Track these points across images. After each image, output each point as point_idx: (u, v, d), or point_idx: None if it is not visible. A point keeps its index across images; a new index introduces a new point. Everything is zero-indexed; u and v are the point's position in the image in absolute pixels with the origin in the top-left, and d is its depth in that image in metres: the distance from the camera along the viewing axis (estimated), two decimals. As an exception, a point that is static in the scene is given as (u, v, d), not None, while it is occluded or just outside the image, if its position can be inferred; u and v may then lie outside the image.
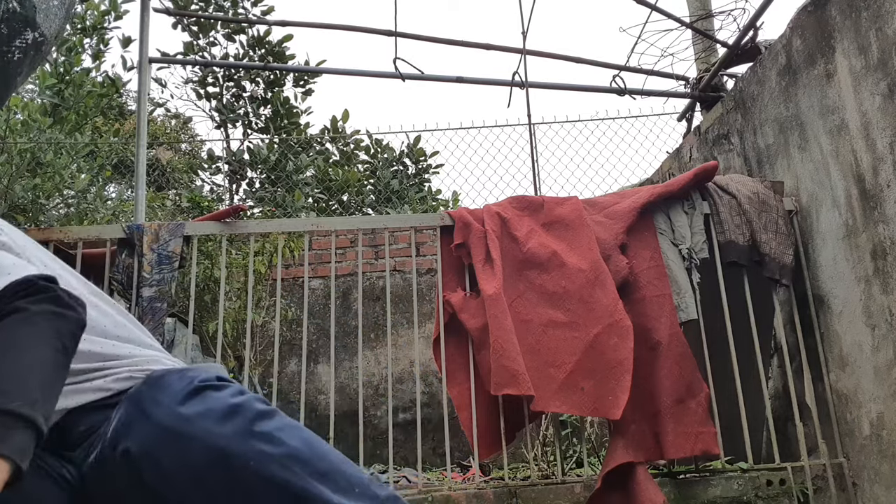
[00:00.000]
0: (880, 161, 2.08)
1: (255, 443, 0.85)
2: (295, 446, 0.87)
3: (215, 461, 0.83)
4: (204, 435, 0.84)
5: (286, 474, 0.84)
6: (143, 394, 0.89)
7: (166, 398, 0.87)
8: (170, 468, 0.85)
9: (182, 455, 0.84)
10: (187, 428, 0.84)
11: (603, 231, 2.37)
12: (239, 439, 0.84)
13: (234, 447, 0.84)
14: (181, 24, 6.41)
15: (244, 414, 0.86)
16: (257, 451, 0.84)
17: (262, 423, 0.87)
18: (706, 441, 2.16)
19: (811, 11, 2.40)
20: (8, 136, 4.28)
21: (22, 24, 2.06)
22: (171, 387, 0.88)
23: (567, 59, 3.59)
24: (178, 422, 0.85)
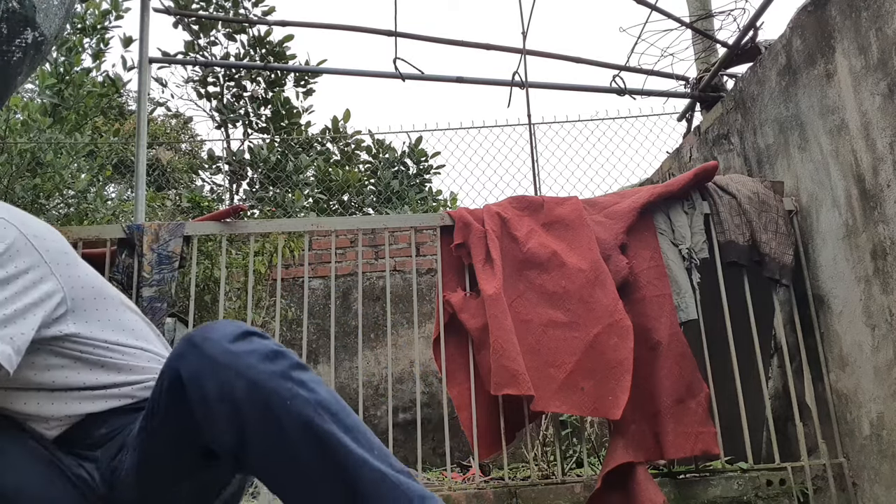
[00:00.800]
0: (880, 161, 2.08)
1: (293, 386, 0.89)
2: (325, 397, 0.91)
3: (256, 396, 0.88)
4: (248, 370, 0.88)
5: (318, 419, 0.88)
6: (194, 333, 0.94)
7: (216, 335, 0.92)
8: (213, 396, 0.88)
9: (226, 385, 0.88)
10: (234, 361, 0.89)
11: (603, 231, 2.37)
12: (279, 379, 0.89)
13: (275, 385, 0.88)
14: (181, 24, 6.41)
15: (285, 359, 0.92)
16: (295, 393, 0.89)
17: (300, 372, 0.92)
18: (706, 441, 2.16)
19: (811, 11, 2.40)
20: (8, 136, 4.28)
21: (22, 23, 2.06)
22: (221, 328, 0.93)
23: (567, 59, 3.59)
24: (226, 355, 0.89)
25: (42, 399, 1.06)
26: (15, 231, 1.02)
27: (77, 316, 1.07)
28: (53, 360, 1.06)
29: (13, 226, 1.02)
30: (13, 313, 0.96)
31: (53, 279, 1.04)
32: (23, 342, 0.96)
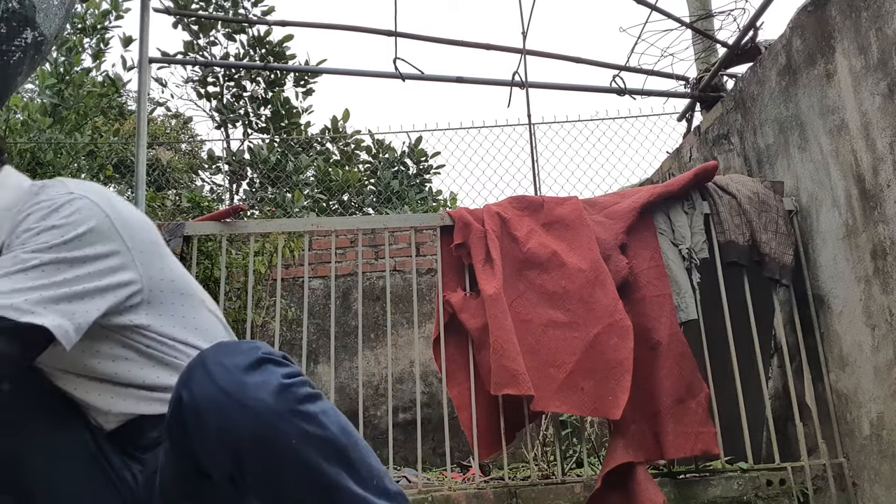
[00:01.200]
0: (880, 161, 2.08)
1: (300, 422, 0.85)
2: (334, 432, 0.88)
3: (260, 433, 0.84)
4: (255, 405, 0.84)
5: (320, 460, 0.85)
6: (209, 353, 0.90)
7: (229, 361, 0.87)
8: (212, 429, 0.85)
9: (229, 419, 0.84)
10: (242, 395, 0.84)
11: (603, 231, 2.37)
12: (287, 416, 0.85)
13: (281, 423, 0.84)
14: (181, 24, 6.41)
15: (295, 393, 0.87)
16: (301, 431, 0.85)
17: (310, 405, 0.88)
18: (706, 441, 2.16)
19: (811, 11, 2.40)
20: (8, 135, 4.28)
21: (21, 23, 2.06)
22: (236, 352, 0.89)
23: (567, 59, 3.59)
24: (235, 386, 0.85)
25: (103, 391, 1.05)
26: (102, 215, 1.01)
27: (152, 308, 1.05)
28: (119, 350, 1.04)
29: (101, 210, 1.01)
30: (81, 291, 0.95)
31: (133, 269, 1.02)
32: (84, 321, 0.94)
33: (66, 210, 0.97)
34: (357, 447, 0.90)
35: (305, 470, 0.85)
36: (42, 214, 0.97)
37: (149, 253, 1.06)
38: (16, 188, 1.06)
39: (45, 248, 0.94)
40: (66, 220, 0.97)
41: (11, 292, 0.90)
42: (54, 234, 0.95)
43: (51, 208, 0.97)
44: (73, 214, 0.97)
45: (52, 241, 0.94)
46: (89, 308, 0.95)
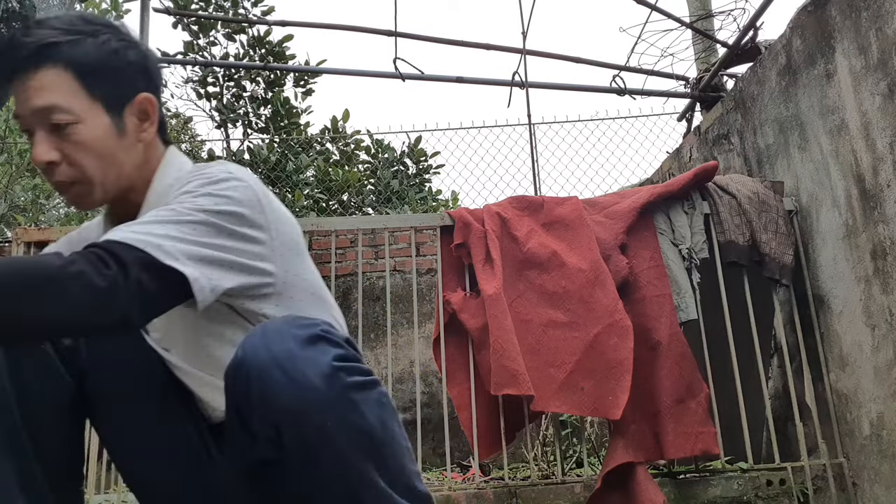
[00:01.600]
0: (880, 161, 2.08)
1: (340, 407, 0.84)
2: (371, 424, 0.87)
3: (297, 407, 0.83)
4: (300, 379, 0.83)
5: (351, 449, 0.85)
6: (277, 320, 0.90)
7: (288, 331, 0.87)
8: (255, 392, 0.84)
9: (272, 387, 0.83)
10: (289, 366, 0.84)
11: (603, 231, 2.37)
12: (328, 398, 0.83)
13: (319, 404, 0.83)
14: (181, 24, 6.41)
15: (342, 378, 0.86)
16: (338, 416, 0.84)
17: (354, 392, 0.86)
18: (706, 441, 2.17)
19: (811, 11, 2.40)
20: (8, 135, 4.28)
21: (21, 23, 2.06)
22: (298, 325, 0.88)
23: (567, 59, 3.59)
24: (285, 356, 0.84)
25: (216, 390, 1.04)
26: (256, 202, 1.01)
27: (282, 301, 1.05)
28: (241, 337, 1.04)
29: (258, 198, 1.02)
30: (222, 259, 0.95)
31: (272, 262, 1.03)
32: (219, 286, 0.94)
33: (224, 185, 0.99)
34: (392, 443, 0.89)
35: (334, 455, 0.84)
36: (202, 182, 0.99)
37: (290, 250, 1.07)
38: (179, 168, 1.09)
39: (200, 210, 0.95)
40: (223, 192, 0.98)
41: (162, 236, 0.90)
42: (210, 201, 0.96)
43: (210, 179, 0.99)
44: (231, 191, 0.98)
45: (207, 206, 0.95)
46: (224, 277, 0.95)
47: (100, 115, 1.01)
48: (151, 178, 1.08)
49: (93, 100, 1.00)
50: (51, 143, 0.99)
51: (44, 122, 0.98)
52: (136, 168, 1.06)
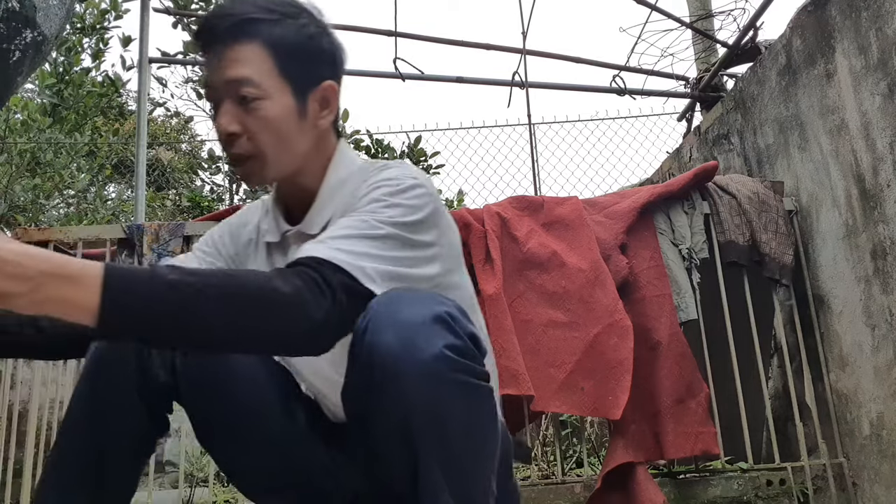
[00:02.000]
0: (880, 161, 2.08)
1: (441, 394, 0.81)
2: (458, 426, 0.83)
3: (389, 387, 0.81)
4: (406, 357, 0.81)
5: (424, 444, 0.83)
6: (406, 292, 0.88)
7: (415, 307, 0.84)
8: (360, 361, 0.84)
9: (377, 360, 0.82)
10: (411, 338, 0.81)
11: (603, 231, 2.37)
12: (427, 385, 0.81)
13: (413, 389, 0.81)
14: (181, 24, 6.41)
15: (451, 367, 0.82)
16: (434, 401, 0.81)
17: (456, 389, 0.83)
18: (706, 441, 2.16)
19: (811, 11, 2.40)
20: (8, 135, 4.28)
21: (21, 23, 2.06)
22: (427, 302, 0.85)
23: (567, 59, 3.59)
24: (402, 331, 0.82)
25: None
26: (434, 206, 1.02)
27: None
28: None
29: (434, 201, 1.02)
30: (405, 274, 0.95)
31: (439, 264, 1.03)
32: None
33: (411, 193, 1.00)
34: (472, 439, 0.86)
35: (404, 442, 0.83)
36: (391, 191, 0.99)
37: (452, 255, 1.08)
38: (351, 162, 1.11)
39: (391, 223, 0.96)
40: (411, 202, 0.99)
41: (362, 255, 0.91)
42: (400, 212, 0.97)
43: (398, 188, 1.00)
44: (416, 199, 0.99)
45: (397, 218, 0.96)
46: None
47: (286, 96, 1.03)
48: (323, 167, 1.10)
49: (283, 80, 1.03)
50: (235, 116, 1.02)
51: (232, 93, 1.01)
52: (309, 153, 1.08)
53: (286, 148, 1.04)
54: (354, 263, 0.89)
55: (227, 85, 1.01)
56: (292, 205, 1.12)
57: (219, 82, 1.02)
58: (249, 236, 1.18)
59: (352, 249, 0.90)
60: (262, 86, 1.01)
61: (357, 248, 0.91)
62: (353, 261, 0.89)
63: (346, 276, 0.88)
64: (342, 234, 0.93)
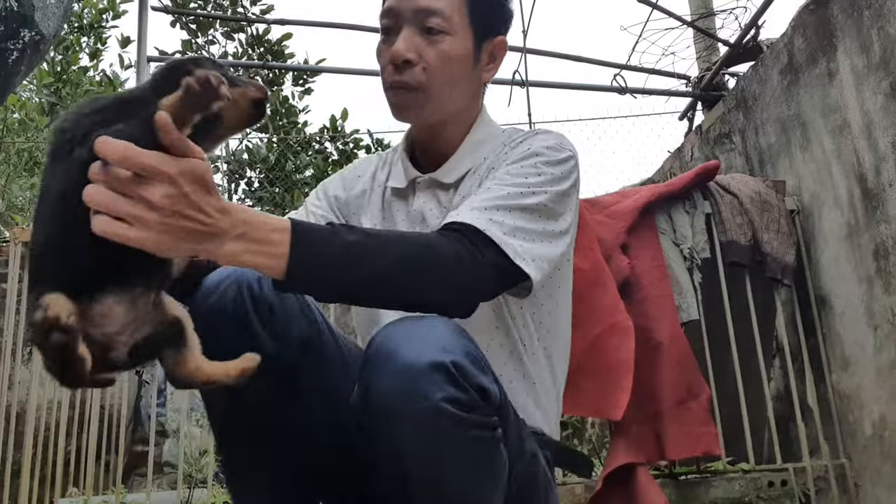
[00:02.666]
0: (882, 160, 2.07)
1: (432, 450, 0.76)
2: (456, 484, 0.79)
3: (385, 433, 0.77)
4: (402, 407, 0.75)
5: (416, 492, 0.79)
6: (415, 326, 0.81)
7: (418, 349, 0.77)
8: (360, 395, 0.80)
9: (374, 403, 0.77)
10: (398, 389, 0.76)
11: (604, 231, 2.35)
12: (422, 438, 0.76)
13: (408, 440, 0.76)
14: (179, 23, 6.40)
15: (450, 421, 0.76)
16: (421, 461, 0.77)
17: (455, 443, 0.77)
18: (707, 442, 2.16)
19: (813, 10, 2.39)
20: (5, 135, 4.27)
21: (20, 22, 2.05)
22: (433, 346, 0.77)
23: (568, 57, 3.58)
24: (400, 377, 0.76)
25: None
26: (578, 183, 1.06)
27: (553, 292, 1.11)
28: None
29: (578, 174, 1.06)
30: (549, 253, 0.97)
31: (569, 240, 1.07)
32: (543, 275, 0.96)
33: (567, 166, 1.03)
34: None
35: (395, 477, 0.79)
36: (549, 160, 1.01)
37: (574, 236, 1.11)
38: (494, 127, 1.14)
39: (544, 191, 0.98)
40: (563, 171, 1.02)
41: (514, 230, 0.93)
42: (554, 179, 1.00)
43: (557, 158, 1.03)
44: (568, 169, 1.03)
45: (550, 187, 0.99)
46: (548, 269, 0.97)
47: (468, 38, 1.05)
48: (469, 122, 1.11)
49: (469, 22, 1.04)
50: (415, 43, 1.02)
51: (418, 22, 1.02)
52: (464, 104, 1.09)
53: (452, 90, 1.05)
54: (507, 241, 0.91)
55: (417, 12, 1.02)
56: (426, 154, 1.11)
57: (406, 8, 1.03)
58: (364, 187, 1.18)
59: (504, 221, 0.92)
60: (452, 21, 1.02)
61: (510, 221, 0.93)
62: (506, 238, 0.91)
63: (499, 253, 0.90)
64: (498, 204, 0.93)
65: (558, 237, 1.00)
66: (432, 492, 0.79)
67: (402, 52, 1.01)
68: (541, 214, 0.97)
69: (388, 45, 1.04)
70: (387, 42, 1.05)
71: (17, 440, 2.50)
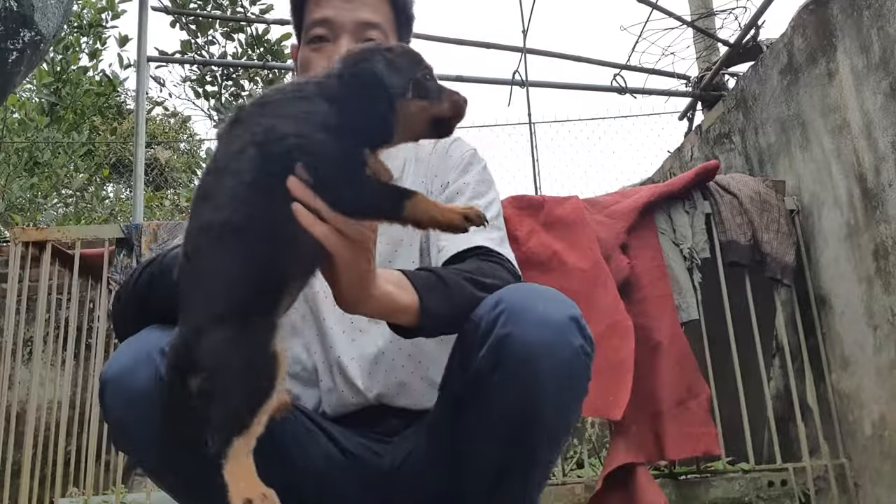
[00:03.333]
0: (882, 160, 2.07)
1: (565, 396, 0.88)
2: (570, 420, 0.92)
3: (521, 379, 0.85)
4: (547, 354, 0.85)
5: (531, 440, 0.88)
6: (535, 287, 0.93)
7: (551, 304, 0.88)
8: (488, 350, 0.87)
9: (513, 352, 0.85)
10: (540, 339, 0.85)
11: (604, 231, 2.36)
12: (561, 384, 0.86)
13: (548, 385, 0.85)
14: (179, 23, 6.39)
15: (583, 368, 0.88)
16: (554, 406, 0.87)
17: (580, 391, 0.90)
18: (707, 442, 2.16)
19: (813, 10, 2.39)
20: (5, 135, 4.26)
21: (20, 22, 2.05)
22: (561, 300, 0.90)
23: (568, 57, 3.58)
24: (542, 327, 0.86)
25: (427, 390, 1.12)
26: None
27: None
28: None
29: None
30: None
31: None
32: None
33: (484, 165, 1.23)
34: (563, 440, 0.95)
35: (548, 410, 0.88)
36: (483, 166, 1.21)
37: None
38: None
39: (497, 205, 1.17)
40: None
41: (505, 241, 1.11)
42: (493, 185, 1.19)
43: (482, 162, 1.22)
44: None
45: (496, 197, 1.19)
46: None
47: (395, 38, 1.14)
48: None
49: (394, 33, 1.13)
50: None
51: (358, 34, 1.09)
52: None
53: None
54: (509, 256, 1.07)
55: (358, 25, 1.08)
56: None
57: (348, 20, 1.08)
58: None
59: (503, 237, 1.11)
60: (387, 34, 1.10)
61: (503, 235, 1.11)
62: (508, 254, 1.07)
63: (511, 268, 1.05)
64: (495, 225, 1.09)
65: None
66: (562, 422, 0.90)
67: None
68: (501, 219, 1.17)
69: (323, 53, 1.09)
70: (320, 51, 1.10)
71: (17, 440, 2.50)
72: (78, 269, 2.41)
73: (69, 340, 2.51)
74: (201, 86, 6.73)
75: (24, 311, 2.63)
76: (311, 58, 1.12)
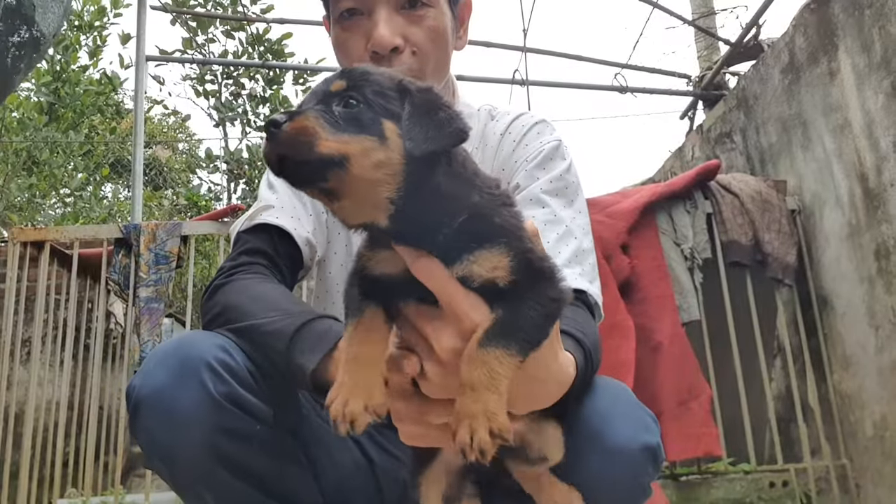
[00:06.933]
0: (884, 160, 2.07)
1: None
2: None
3: (596, 475, 0.81)
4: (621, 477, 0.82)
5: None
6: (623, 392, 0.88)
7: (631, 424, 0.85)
8: (583, 438, 0.84)
9: (603, 447, 0.81)
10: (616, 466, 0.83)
11: (604, 230, 2.35)
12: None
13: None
14: (179, 21, 6.38)
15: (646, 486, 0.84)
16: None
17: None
18: (708, 443, 2.15)
19: (814, 9, 2.38)
20: (3, 134, 4.26)
21: (19, 21, 2.04)
22: (642, 417, 0.88)
23: (568, 56, 3.57)
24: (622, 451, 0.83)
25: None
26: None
27: None
28: None
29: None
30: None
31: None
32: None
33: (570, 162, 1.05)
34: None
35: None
36: (572, 180, 1.03)
37: None
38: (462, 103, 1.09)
39: (587, 228, 1.01)
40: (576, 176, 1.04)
41: (596, 278, 0.98)
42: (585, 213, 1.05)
43: (567, 162, 1.04)
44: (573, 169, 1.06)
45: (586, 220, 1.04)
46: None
47: (447, 6, 0.97)
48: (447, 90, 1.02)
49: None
50: (396, 27, 0.91)
51: (396, 2, 0.92)
52: (445, 78, 0.99)
53: (442, 69, 0.96)
54: (597, 293, 0.96)
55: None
56: None
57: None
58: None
59: (593, 265, 0.97)
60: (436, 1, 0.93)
61: (594, 263, 0.97)
62: (597, 289, 0.97)
63: (599, 313, 0.98)
64: (588, 259, 0.95)
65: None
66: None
67: (388, 39, 0.91)
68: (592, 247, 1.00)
69: (357, 30, 0.94)
70: (353, 28, 0.94)
71: (15, 441, 2.49)
72: (76, 269, 2.40)
73: (67, 341, 2.50)
74: (201, 84, 6.72)
75: (23, 312, 2.62)
76: (345, 38, 0.97)
